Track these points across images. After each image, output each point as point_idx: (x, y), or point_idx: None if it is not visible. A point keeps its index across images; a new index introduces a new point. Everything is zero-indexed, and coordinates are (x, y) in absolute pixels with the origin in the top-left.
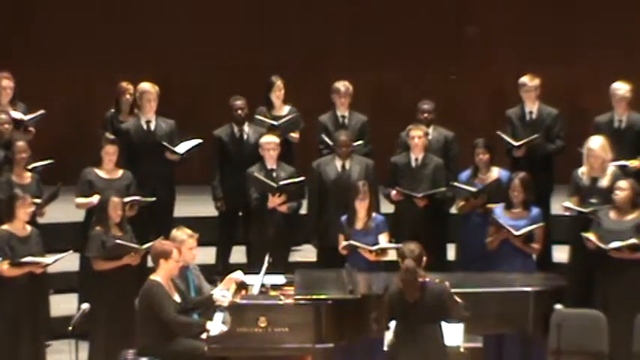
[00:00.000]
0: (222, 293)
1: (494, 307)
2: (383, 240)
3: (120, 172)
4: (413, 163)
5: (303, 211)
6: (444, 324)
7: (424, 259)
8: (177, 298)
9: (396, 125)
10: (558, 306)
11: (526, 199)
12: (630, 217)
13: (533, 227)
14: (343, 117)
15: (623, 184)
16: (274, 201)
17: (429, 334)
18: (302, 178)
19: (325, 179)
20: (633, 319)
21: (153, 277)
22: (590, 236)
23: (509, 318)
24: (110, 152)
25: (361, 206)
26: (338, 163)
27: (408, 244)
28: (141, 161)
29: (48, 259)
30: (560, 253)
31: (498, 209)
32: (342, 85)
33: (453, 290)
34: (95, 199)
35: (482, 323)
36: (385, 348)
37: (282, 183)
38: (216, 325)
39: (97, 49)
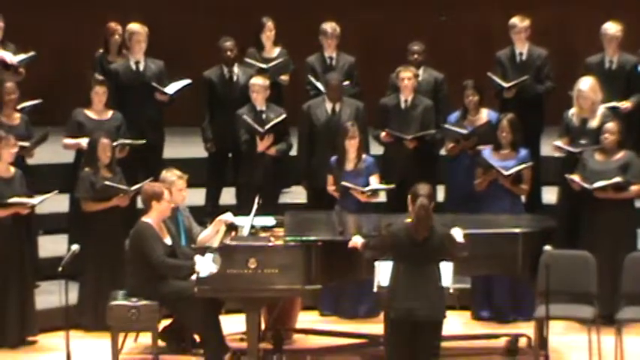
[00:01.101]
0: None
1: (483, 249)
2: (374, 181)
3: (110, 113)
4: (402, 105)
5: (293, 152)
6: (442, 264)
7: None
8: (168, 240)
9: (386, 67)
10: (547, 247)
11: (514, 139)
12: (615, 157)
13: (522, 167)
14: (331, 58)
15: (611, 126)
16: (263, 144)
17: (429, 275)
18: (284, 116)
19: (315, 122)
20: (619, 259)
21: (144, 218)
22: (575, 177)
23: (498, 259)
24: (99, 93)
25: (351, 147)
26: (328, 106)
27: (419, 184)
28: (130, 102)
29: (34, 199)
30: (550, 195)
31: (487, 151)
32: (329, 27)
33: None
34: (84, 141)
35: (471, 265)
36: (375, 289)
37: (267, 127)
38: (206, 267)
39: None
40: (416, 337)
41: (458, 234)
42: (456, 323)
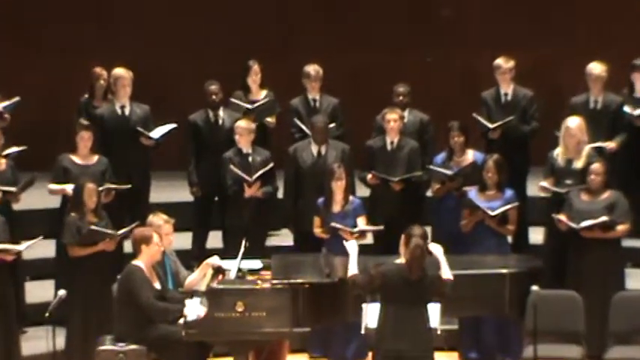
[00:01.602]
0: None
1: (471, 290)
2: (361, 223)
3: (95, 158)
4: (389, 147)
5: (280, 195)
6: (430, 305)
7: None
8: (157, 285)
9: (371, 108)
10: (534, 287)
11: (500, 180)
12: (601, 197)
13: (508, 207)
14: (314, 100)
15: (597, 167)
16: (250, 191)
17: (418, 316)
18: (272, 165)
19: (301, 164)
20: (606, 298)
21: (135, 262)
22: (562, 217)
23: (486, 300)
24: (85, 138)
25: (338, 188)
26: (314, 149)
27: (413, 225)
28: (116, 147)
29: (20, 245)
30: (536, 235)
31: (472, 192)
32: (312, 69)
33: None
34: (69, 187)
35: (458, 305)
36: (362, 331)
37: (254, 177)
38: (194, 310)
39: (72, 34)
40: None
41: (446, 270)
42: None
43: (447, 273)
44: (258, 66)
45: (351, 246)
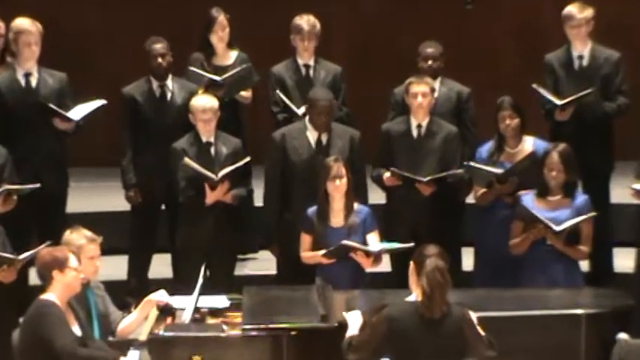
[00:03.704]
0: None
1: (531, 338)
2: (373, 241)
3: None
4: (414, 132)
5: (258, 202)
6: None
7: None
8: (76, 329)
9: (385, 78)
10: (622, 335)
11: (568, 180)
12: None
13: (580, 220)
14: (307, 67)
15: None
16: (214, 195)
17: None
18: (247, 160)
19: (293, 159)
20: None
21: (44, 296)
22: None
23: (551, 352)
24: None
25: (337, 192)
26: (312, 136)
27: (425, 245)
28: (18, 132)
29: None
30: (624, 260)
31: (528, 197)
32: (305, 22)
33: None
34: None
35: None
36: None
37: (222, 174)
38: None
39: None
40: None
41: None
42: None
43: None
44: (225, 17)
45: (354, 317)
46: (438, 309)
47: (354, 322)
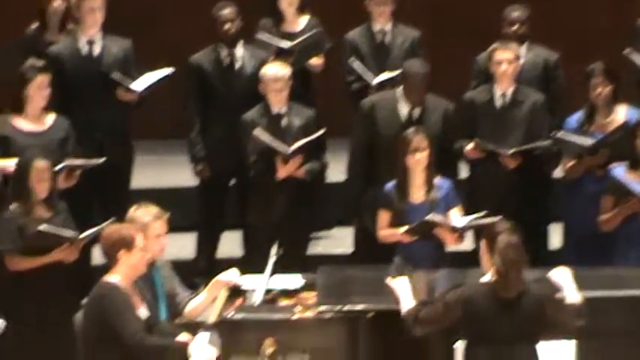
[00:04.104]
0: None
1: (625, 320)
2: (457, 217)
3: (50, 120)
4: (498, 102)
5: (335, 178)
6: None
7: None
8: (142, 311)
9: (466, 44)
10: None
11: None
12: None
13: None
14: (382, 32)
15: None
16: (286, 169)
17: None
18: (321, 132)
19: (381, 131)
20: None
21: (108, 277)
22: None
23: None
24: (42, 86)
25: (417, 165)
26: (403, 108)
27: (495, 221)
28: (80, 103)
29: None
30: None
31: (620, 169)
32: None
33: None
34: (9, 164)
35: (605, 344)
36: None
37: (294, 147)
38: (200, 352)
39: None
40: None
41: (572, 294)
42: None
43: (572, 294)
44: None
45: (402, 286)
46: (514, 288)
47: (404, 290)
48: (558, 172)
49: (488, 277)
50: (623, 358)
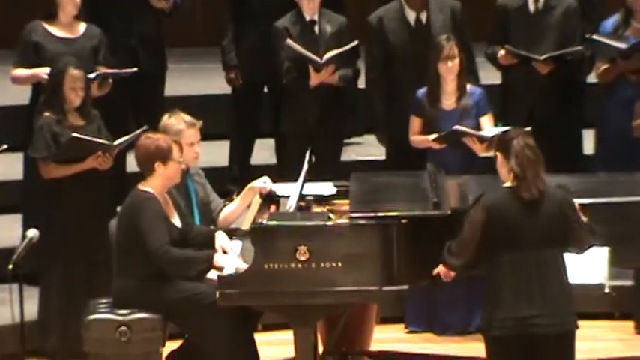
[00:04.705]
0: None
1: None
2: (487, 125)
3: (82, 28)
4: (531, 6)
5: (363, 84)
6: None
7: None
8: (176, 221)
9: None
10: None
11: None
12: None
13: None
14: None
15: None
16: (318, 77)
17: (549, 265)
18: (354, 44)
19: (393, 41)
20: None
21: (143, 186)
22: None
23: None
24: None
25: (449, 72)
26: (410, 15)
27: (505, 129)
28: (113, 10)
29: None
30: None
31: None
32: None
33: (587, 201)
34: (43, 71)
35: (635, 251)
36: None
37: (327, 57)
38: (232, 260)
39: None
40: None
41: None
42: (614, 339)
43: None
44: None
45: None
46: (535, 187)
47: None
48: (592, 78)
49: (507, 185)
50: None
